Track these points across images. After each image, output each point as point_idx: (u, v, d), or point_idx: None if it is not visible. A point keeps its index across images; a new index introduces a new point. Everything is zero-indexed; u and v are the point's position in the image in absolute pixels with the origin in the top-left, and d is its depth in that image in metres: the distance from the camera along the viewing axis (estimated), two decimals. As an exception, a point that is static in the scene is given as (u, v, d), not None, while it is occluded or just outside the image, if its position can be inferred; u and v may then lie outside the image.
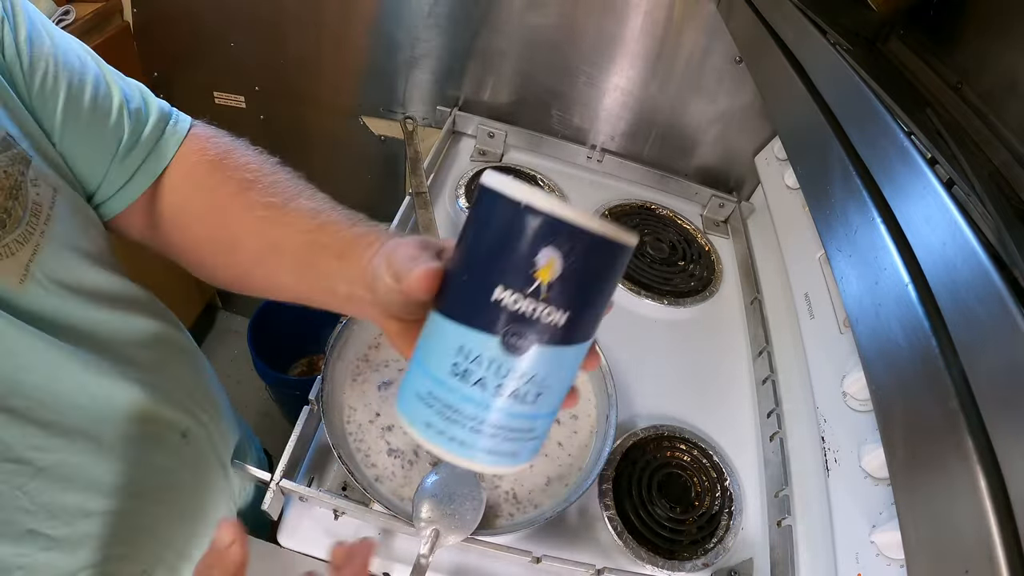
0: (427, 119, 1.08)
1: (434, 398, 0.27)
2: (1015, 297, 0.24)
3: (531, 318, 0.26)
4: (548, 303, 0.26)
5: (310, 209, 0.41)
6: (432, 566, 0.48)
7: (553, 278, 0.26)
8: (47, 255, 0.37)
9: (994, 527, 0.21)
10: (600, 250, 0.27)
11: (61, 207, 0.38)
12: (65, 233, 0.38)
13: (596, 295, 0.28)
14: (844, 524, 0.53)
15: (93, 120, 0.41)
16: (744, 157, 1.02)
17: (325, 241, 0.39)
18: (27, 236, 0.36)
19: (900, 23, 0.61)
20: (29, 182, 0.36)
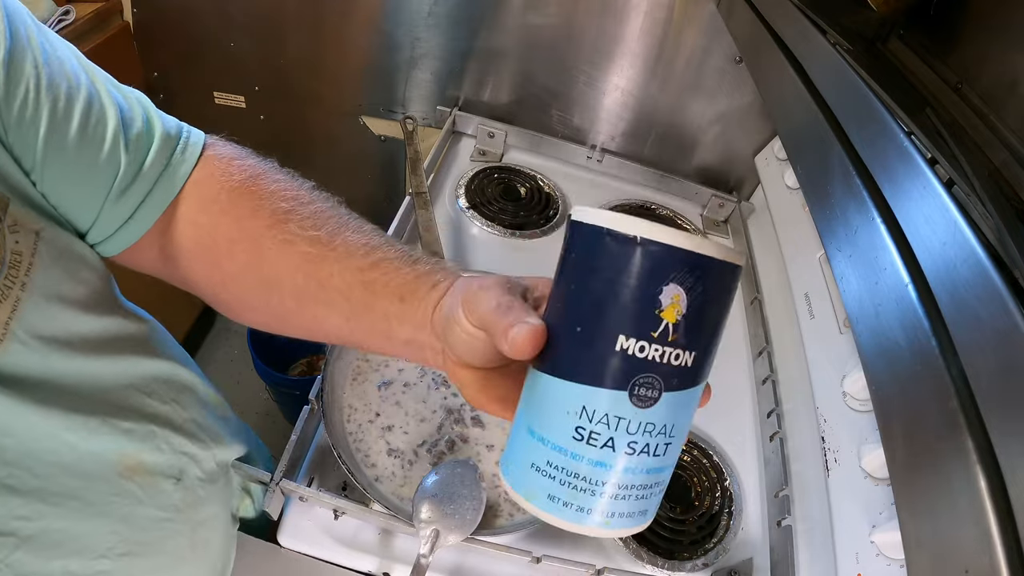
0: (427, 119, 1.08)
1: (556, 468, 0.25)
2: (1015, 297, 0.24)
3: (660, 364, 0.24)
4: (676, 345, 0.24)
5: (362, 244, 0.37)
6: (432, 566, 0.48)
7: (680, 316, 0.24)
8: (28, 309, 0.33)
9: (994, 527, 0.21)
10: (722, 276, 0.24)
11: (44, 253, 0.34)
12: (49, 282, 0.35)
13: (720, 326, 0.26)
14: (844, 524, 0.53)
15: (81, 152, 0.35)
16: (744, 157, 1.02)
17: (383, 280, 0.36)
18: (5, 292, 0.32)
19: (900, 23, 0.61)
20: (7, 228, 0.32)
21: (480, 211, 0.88)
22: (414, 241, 0.80)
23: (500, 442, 0.60)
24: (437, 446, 0.59)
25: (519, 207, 0.92)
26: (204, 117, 1.21)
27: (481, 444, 0.60)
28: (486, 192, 0.92)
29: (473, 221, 0.87)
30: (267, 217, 0.38)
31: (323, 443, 0.59)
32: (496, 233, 0.86)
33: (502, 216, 0.88)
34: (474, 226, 0.86)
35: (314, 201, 0.40)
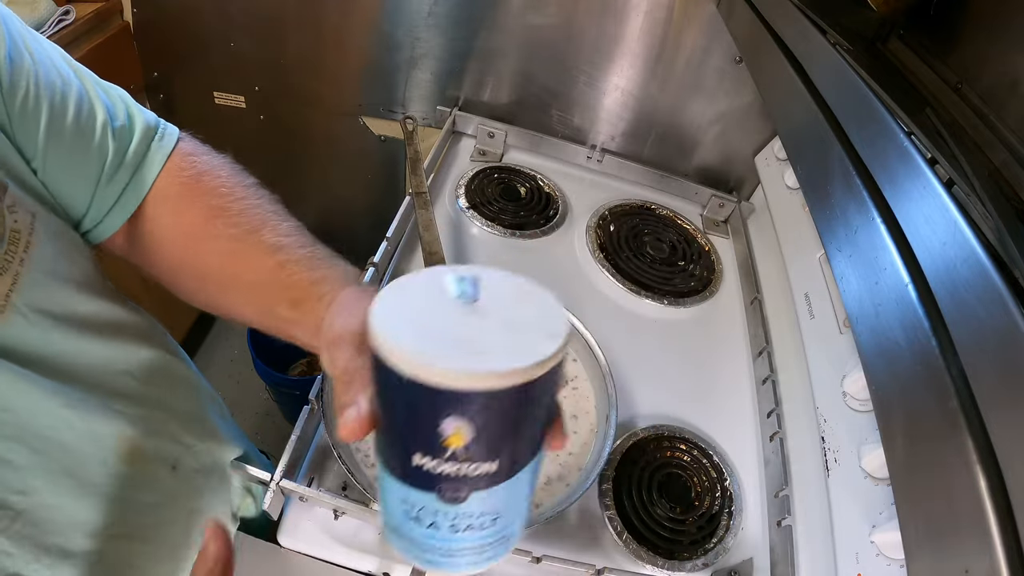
0: (427, 119, 1.08)
1: (400, 534, 0.28)
2: (1015, 297, 0.24)
3: (459, 476, 0.25)
4: (471, 460, 0.25)
5: (271, 244, 0.40)
6: (432, 566, 0.48)
7: (466, 442, 0.24)
8: (28, 283, 0.35)
9: (994, 527, 0.21)
10: (511, 399, 0.24)
11: (41, 232, 0.36)
12: (47, 259, 0.37)
13: (524, 431, 0.26)
14: (844, 524, 0.53)
15: (77, 141, 0.39)
16: (744, 157, 1.02)
17: (282, 283, 0.38)
18: (5, 265, 0.34)
19: (900, 23, 0.61)
20: (5, 208, 0.34)
21: (480, 211, 0.88)
22: (414, 241, 0.80)
23: (500, 442, 0.60)
24: (437, 446, 0.58)
25: (519, 207, 0.92)
26: (204, 117, 1.21)
27: (481, 444, 0.60)
28: (486, 192, 0.92)
29: (473, 221, 0.87)
30: (203, 212, 0.41)
31: (323, 443, 0.59)
32: (496, 233, 0.86)
33: (502, 216, 0.88)
34: (474, 226, 0.86)
35: (246, 198, 0.42)
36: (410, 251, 0.80)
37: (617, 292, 0.83)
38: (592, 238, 0.89)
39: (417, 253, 0.78)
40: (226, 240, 0.40)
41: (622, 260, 0.87)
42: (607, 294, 0.83)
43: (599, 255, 0.87)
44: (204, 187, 0.42)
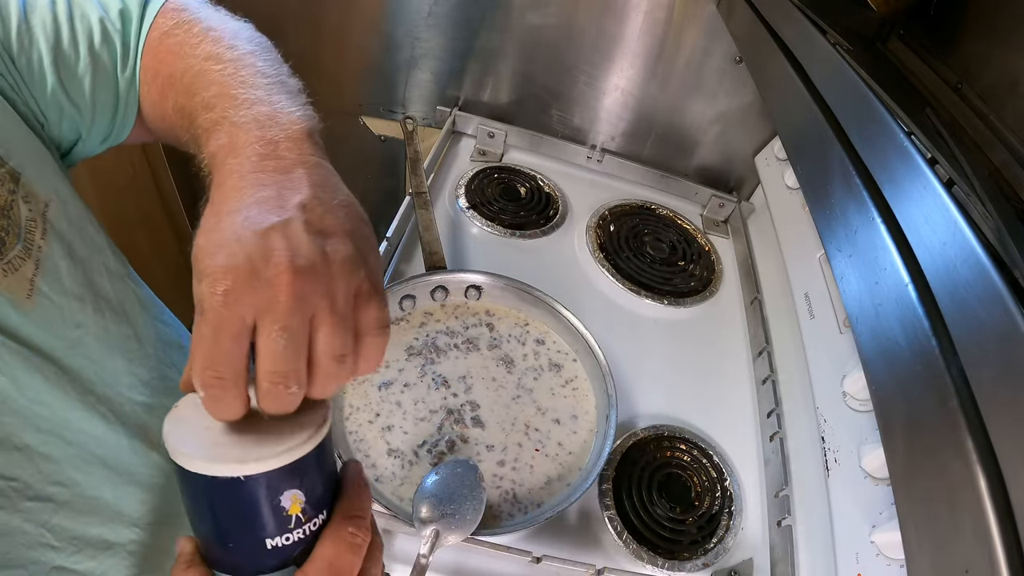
0: (427, 119, 1.08)
1: None
2: (1015, 297, 0.24)
3: (304, 537, 0.30)
4: (310, 517, 0.30)
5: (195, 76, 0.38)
6: (432, 566, 0.48)
7: (303, 503, 0.29)
8: (49, 268, 0.36)
9: (994, 527, 0.21)
10: (321, 451, 0.30)
11: (55, 219, 0.37)
12: (64, 243, 0.38)
13: (331, 474, 0.32)
14: (844, 524, 0.53)
15: (87, 59, 0.40)
16: (744, 157, 1.02)
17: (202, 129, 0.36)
18: (27, 251, 0.35)
19: (900, 23, 0.61)
20: (20, 199, 0.35)
21: (480, 211, 0.88)
22: (414, 241, 0.80)
23: (500, 442, 0.60)
24: (437, 446, 0.59)
25: (519, 207, 0.92)
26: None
27: (481, 444, 0.60)
28: (486, 192, 0.92)
29: (473, 221, 0.87)
30: (173, 44, 0.41)
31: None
32: (496, 233, 0.86)
33: (502, 216, 0.88)
34: (474, 226, 0.87)
35: (197, 26, 0.42)
36: (410, 251, 0.80)
37: (617, 292, 0.83)
38: (592, 238, 0.89)
39: (417, 253, 0.78)
40: (171, 66, 0.40)
41: (622, 260, 0.87)
42: (607, 294, 0.83)
43: (599, 255, 0.87)
44: (171, 24, 0.42)
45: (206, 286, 0.26)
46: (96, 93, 0.42)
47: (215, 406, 0.28)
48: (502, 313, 0.72)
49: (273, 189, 0.30)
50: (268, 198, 0.30)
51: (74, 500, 0.37)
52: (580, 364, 0.69)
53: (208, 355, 0.26)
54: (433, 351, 0.66)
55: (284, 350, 0.27)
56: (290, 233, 0.28)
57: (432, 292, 0.70)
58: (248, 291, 0.26)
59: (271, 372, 0.27)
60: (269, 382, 0.27)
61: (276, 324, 0.26)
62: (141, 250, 1.13)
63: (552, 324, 0.71)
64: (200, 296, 0.27)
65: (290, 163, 0.32)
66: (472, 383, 0.65)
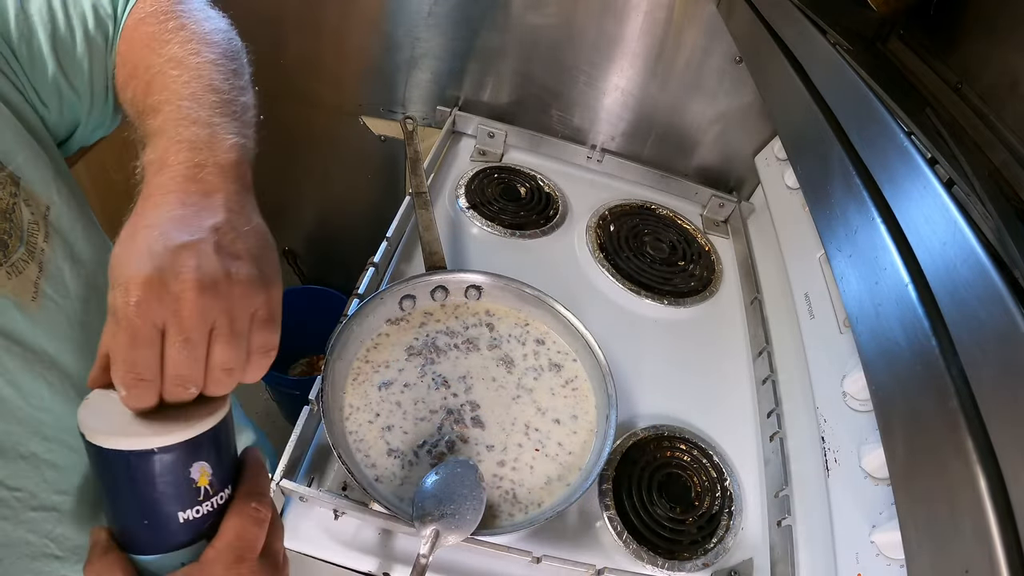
0: (427, 119, 1.08)
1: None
2: (1015, 297, 0.24)
3: (215, 508, 0.32)
4: (217, 490, 0.32)
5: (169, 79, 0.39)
6: (432, 566, 0.48)
7: (211, 475, 0.32)
8: (52, 270, 0.37)
9: (994, 527, 0.21)
10: (224, 428, 0.33)
11: (56, 220, 0.38)
12: (66, 244, 0.38)
13: (232, 449, 0.35)
14: (844, 524, 0.53)
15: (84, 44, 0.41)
16: (744, 157, 1.02)
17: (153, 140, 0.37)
18: (31, 254, 0.35)
19: (900, 23, 0.61)
20: (22, 202, 0.35)
21: (480, 211, 0.88)
22: (414, 241, 0.80)
23: (500, 442, 0.60)
24: (437, 446, 0.59)
25: (519, 207, 0.92)
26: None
27: (481, 444, 0.60)
28: (486, 192, 0.92)
29: (473, 221, 0.87)
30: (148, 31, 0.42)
31: (323, 443, 0.59)
32: (496, 233, 0.86)
33: (502, 216, 0.88)
34: (474, 226, 0.87)
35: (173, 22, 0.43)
36: (410, 251, 0.80)
37: (617, 292, 0.83)
38: (592, 238, 0.89)
39: (417, 253, 0.78)
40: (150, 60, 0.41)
41: (622, 260, 0.87)
42: (607, 294, 0.83)
43: (599, 255, 0.87)
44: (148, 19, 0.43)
45: (119, 295, 0.29)
46: (93, 77, 0.42)
47: (135, 401, 0.30)
48: (502, 313, 0.72)
49: (191, 209, 0.32)
50: (184, 217, 0.31)
51: (78, 509, 0.37)
52: (580, 364, 0.69)
53: (128, 360, 0.29)
54: (433, 351, 0.66)
55: (186, 359, 0.30)
56: (200, 252, 0.30)
57: (432, 292, 0.70)
58: (157, 303, 0.29)
59: (174, 375, 0.30)
60: (171, 383, 0.30)
61: (180, 336, 0.29)
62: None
63: (552, 324, 0.71)
64: (114, 303, 0.29)
65: (211, 187, 0.34)
66: (472, 383, 0.65)
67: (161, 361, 0.29)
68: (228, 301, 0.30)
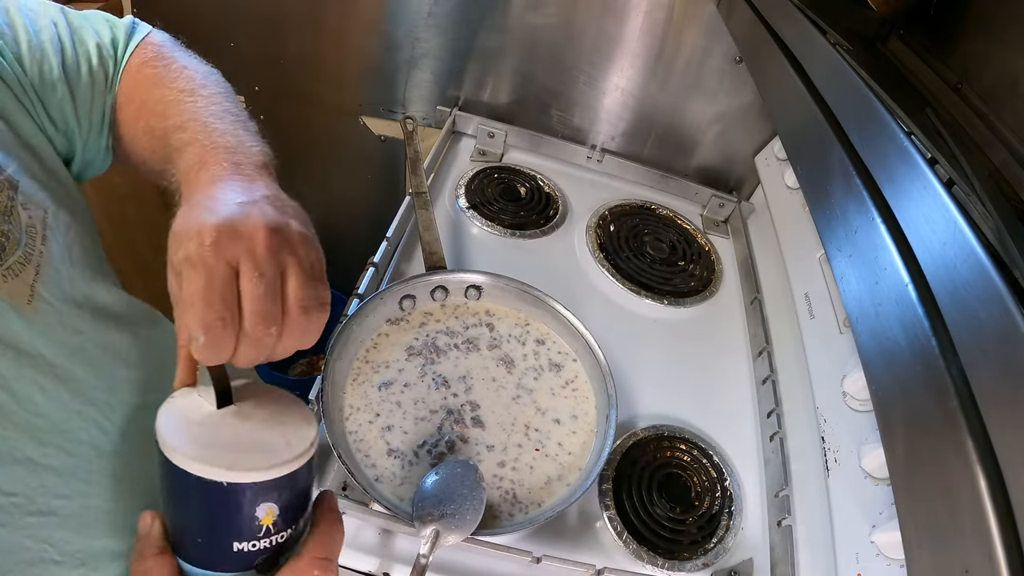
0: (427, 119, 1.08)
1: None
2: (1015, 297, 0.24)
3: (272, 546, 0.32)
4: (280, 529, 0.32)
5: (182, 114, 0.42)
6: (432, 566, 0.48)
7: (276, 516, 0.31)
8: (49, 274, 0.37)
9: (994, 527, 0.21)
10: (301, 473, 0.32)
11: (54, 227, 0.38)
12: (63, 250, 0.39)
13: (307, 493, 0.34)
14: (844, 524, 0.53)
15: (88, 77, 0.44)
16: (744, 157, 1.02)
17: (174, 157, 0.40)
18: (28, 257, 0.35)
19: (900, 23, 0.61)
20: (20, 206, 0.36)
21: (480, 211, 0.88)
22: (414, 241, 0.80)
23: (500, 442, 0.60)
24: (437, 446, 0.59)
25: (519, 207, 0.92)
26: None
27: (481, 444, 0.60)
28: (486, 192, 0.92)
29: (473, 221, 0.87)
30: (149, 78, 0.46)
31: (323, 443, 0.59)
32: (496, 233, 0.86)
33: (502, 216, 0.88)
34: (474, 226, 0.87)
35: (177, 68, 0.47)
36: (410, 251, 0.80)
37: (617, 292, 0.83)
38: (592, 238, 0.89)
39: (417, 253, 0.78)
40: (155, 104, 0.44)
41: (622, 260, 0.87)
42: (607, 294, 0.83)
43: (599, 255, 0.87)
44: (149, 62, 0.47)
45: (194, 243, 0.30)
46: (92, 109, 0.44)
47: (214, 348, 0.30)
48: (502, 313, 0.72)
49: (242, 185, 0.35)
50: (238, 188, 0.34)
51: (77, 513, 0.37)
52: (580, 364, 0.69)
53: (207, 299, 0.29)
54: (433, 351, 0.66)
55: (263, 293, 0.30)
56: (261, 207, 0.33)
57: (432, 292, 0.70)
58: (231, 242, 0.30)
59: (253, 312, 0.30)
60: (251, 323, 0.30)
61: (256, 270, 0.30)
62: (143, 255, 1.13)
63: (552, 324, 0.71)
64: (187, 255, 0.30)
65: (253, 178, 0.37)
66: (472, 383, 0.65)
67: (239, 307, 0.30)
68: (292, 245, 0.33)
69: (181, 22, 1.04)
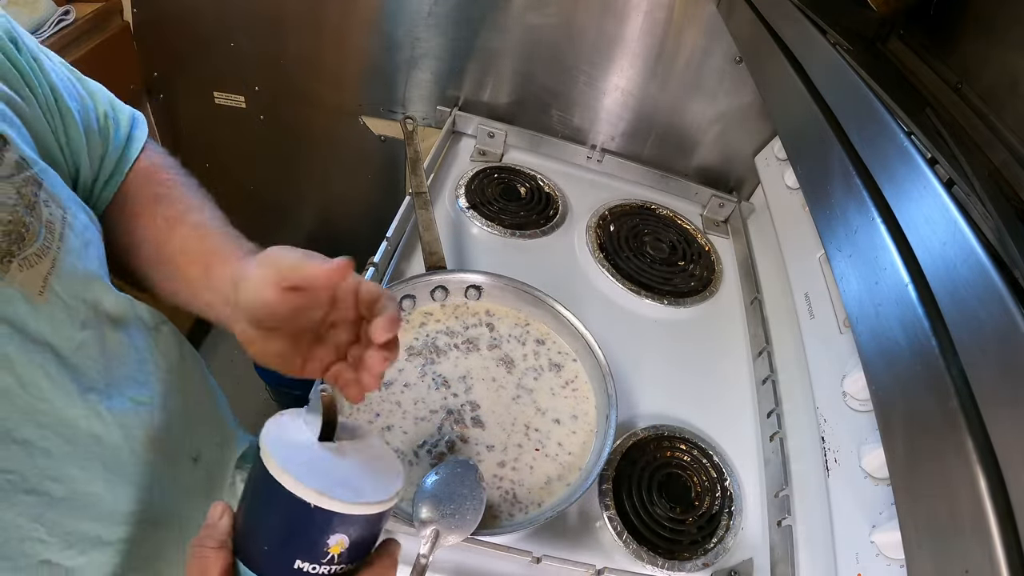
0: (427, 119, 1.08)
1: None
2: (1015, 297, 0.24)
3: (329, 574, 0.33)
4: (342, 561, 0.33)
5: (195, 222, 0.46)
6: (432, 566, 0.48)
7: (343, 549, 0.33)
8: (63, 270, 0.38)
9: (994, 527, 0.21)
10: (376, 518, 0.34)
11: (70, 228, 0.39)
12: (76, 251, 0.40)
13: (374, 538, 0.35)
14: (844, 524, 0.53)
15: (96, 131, 0.46)
16: (744, 157, 1.02)
17: (197, 252, 0.44)
18: (45, 250, 0.36)
19: (900, 23, 0.61)
20: (42, 203, 0.37)
21: (480, 211, 0.88)
22: (414, 241, 0.80)
23: (500, 442, 0.60)
24: (437, 446, 0.59)
25: (519, 207, 0.92)
26: (204, 117, 1.21)
27: (481, 444, 0.60)
28: (486, 192, 0.92)
29: (473, 221, 0.87)
30: (149, 198, 0.48)
31: (323, 443, 0.59)
32: (496, 233, 0.86)
33: (502, 216, 0.88)
34: (474, 226, 0.87)
35: (184, 190, 0.49)
36: (410, 251, 0.80)
37: (617, 292, 0.83)
38: (592, 238, 0.89)
39: (417, 253, 0.78)
40: (161, 220, 0.46)
41: (622, 260, 0.87)
42: (607, 294, 0.83)
43: (599, 255, 0.87)
44: (153, 177, 0.49)
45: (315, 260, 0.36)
46: (105, 162, 0.47)
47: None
48: (502, 313, 0.72)
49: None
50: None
51: (69, 496, 0.38)
52: (580, 364, 0.69)
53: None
54: (433, 351, 0.66)
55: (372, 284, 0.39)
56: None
57: (432, 292, 0.70)
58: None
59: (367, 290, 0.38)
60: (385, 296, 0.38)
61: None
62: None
63: (552, 324, 0.71)
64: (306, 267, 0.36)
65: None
66: (472, 383, 0.65)
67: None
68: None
69: (181, 22, 1.05)
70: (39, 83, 0.41)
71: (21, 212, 0.35)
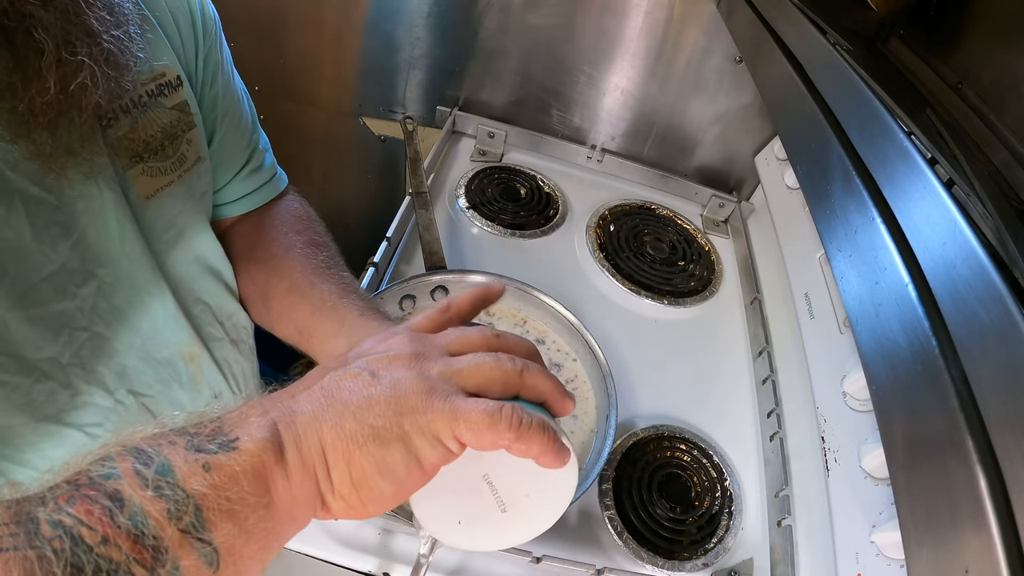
0: (427, 119, 1.08)
1: None
2: (1015, 297, 0.24)
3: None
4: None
5: (337, 286, 0.51)
6: (432, 566, 0.48)
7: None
8: (174, 194, 0.44)
9: (994, 527, 0.21)
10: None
11: (196, 173, 0.46)
12: (193, 189, 0.46)
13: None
14: (844, 524, 0.53)
15: (238, 134, 0.53)
16: (744, 157, 1.02)
17: (343, 306, 0.49)
18: (169, 169, 0.43)
19: (900, 23, 0.61)
20: (185, 140, 0.44)
21: (480, 211, 0.88)
22: (414, 241, 0.80)
23: (500, 442, 0.60)
24: (437, 446, 0.58)
25: (519, 207, 0.92)
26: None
27: (481, 444, 0.60)
28: (486, 192, 0.92)
29: (473, 221, 0.87)
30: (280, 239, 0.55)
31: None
32: (496, 233, 0.86)
33: (502, 216, 0.88)
34: (474, 226, 0.87)
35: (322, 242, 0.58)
36: (410, 251, 0.80)
37: (617, 292, 0.83)
38: (592, 238, 0.89)
39: (417, 253, 0.78)
40: (298, 272, 0.52)
41: (622, 260, 0.87)
42: (607, 294, 0.83)
43: (599, 255, 0.87)
44: (304, 228, 0.58)
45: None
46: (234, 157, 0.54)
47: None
48: (502, 313, 0.72)
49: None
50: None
51: (105, 341, 0.42)
52: (580, 364, 0.69)
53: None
54: (433, 351, 0.66)
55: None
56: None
57: (432, 292, 0.70)
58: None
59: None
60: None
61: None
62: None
63: (552, 324, 0.71)
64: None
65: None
66: (472, 383, 0.64)
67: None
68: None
69: (181, 22, 1.04)
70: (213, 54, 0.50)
71: (165, 136, 0.42)
